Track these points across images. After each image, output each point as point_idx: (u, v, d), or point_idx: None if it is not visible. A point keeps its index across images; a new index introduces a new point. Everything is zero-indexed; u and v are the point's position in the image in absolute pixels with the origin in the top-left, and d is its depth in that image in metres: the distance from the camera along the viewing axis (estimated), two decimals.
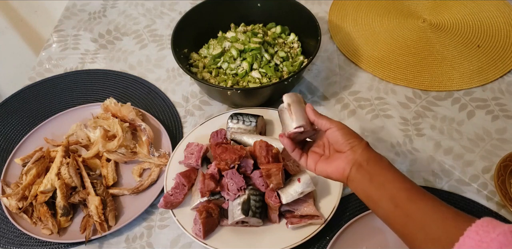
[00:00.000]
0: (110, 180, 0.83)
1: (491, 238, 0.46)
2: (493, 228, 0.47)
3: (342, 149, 0.61)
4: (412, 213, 0.54)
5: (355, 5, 1.16)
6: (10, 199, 0.79)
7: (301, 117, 0.64)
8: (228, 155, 0.73)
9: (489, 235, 0.47)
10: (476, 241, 0.47)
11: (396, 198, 0.55)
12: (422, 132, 0.89)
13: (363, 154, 0.59)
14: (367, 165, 0.58)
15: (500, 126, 0.88)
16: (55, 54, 1.12)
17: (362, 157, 0.59)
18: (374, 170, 0.58)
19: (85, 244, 0.77)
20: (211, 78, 0.94)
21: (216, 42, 0.98)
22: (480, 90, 0.95)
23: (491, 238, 0.46)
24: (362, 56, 1.04)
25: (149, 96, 1.00)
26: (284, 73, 0.93)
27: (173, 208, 0.76)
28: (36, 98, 1.02)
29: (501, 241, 0.46)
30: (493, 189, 0.79)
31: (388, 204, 0.56)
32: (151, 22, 1.18)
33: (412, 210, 0.54)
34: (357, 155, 0.59)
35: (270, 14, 1.01)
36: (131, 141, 0.87)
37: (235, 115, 0.84)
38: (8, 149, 0.92)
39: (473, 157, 0.84)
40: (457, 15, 1.11)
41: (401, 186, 0.56)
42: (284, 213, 0.75)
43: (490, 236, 0.46)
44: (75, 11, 1.24)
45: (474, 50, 1.03)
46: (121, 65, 1.08)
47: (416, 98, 0.95)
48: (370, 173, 0.58)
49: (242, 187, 0.72)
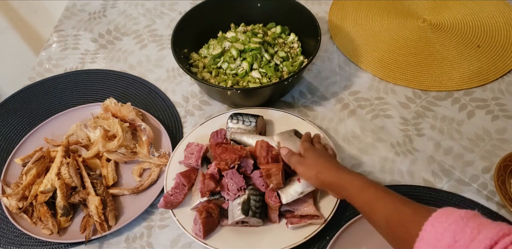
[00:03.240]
0: (110, 180, 0.83)
1: (444, 228, 0.46)
2: (447, 218, 0.47)
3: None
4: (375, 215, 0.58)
5: (355, 5, 1.16)
6: (10, 199, 0.79)
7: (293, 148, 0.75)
8: (228, 155, 0.73)
9: (442, 225, 0.46)
10: (432, 233, 0.47)
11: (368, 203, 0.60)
12: (422, 132, 0.89)
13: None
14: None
15: (500, 126, 0.88)
16: (55, 54, 1.12)
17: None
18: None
19: (85, 244, 0.77)
20: (211, 78, 0.94)
21: (216, 42, 0.98)
22: (480, 90, 0.95)
23: (444, 228, 0.46)
24: (362, 56, 1.04)
25: (149, 96, 1.00)
26: (284, 73, 0.93)
27: (173, 208, 0.76)
28: (36, 98, 1.02)
29: (454, 229, 0.45)
30: (493, 189, 0.79)
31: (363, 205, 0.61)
32: (151, 22, 1.18)
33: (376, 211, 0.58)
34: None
35: (270, 14, 1.01)
36: (131, 141, 0.87)
37: (235, 115, 0.84)
38: (8, 149, 0.92)
39: (473, 157, 0.84)
40: (457, 15, 1.11)
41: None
42: (284, 213, 0.75)
43: (443, 226, 0.46)
44: (75, 11, 1.24)
45: (474, 50, 1.03)
46: (121, 65, 1.08)
47: (416, 98, 0.95)
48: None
49: (242, 187, 0.72)
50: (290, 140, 0.77)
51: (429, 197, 0.79)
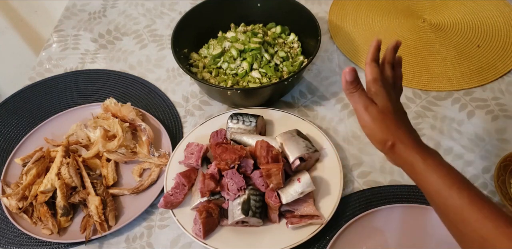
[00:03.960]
0: (110, 180, 0.83)
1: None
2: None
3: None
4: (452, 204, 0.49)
5: (355, 5, 1.16)
6: (10, 199, 0.79)
7: (295, 150, 0.75)
8: (228, 155, 0.73)
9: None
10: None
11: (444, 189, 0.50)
12: (422, 132, 0.89)
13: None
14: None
15: (500, 126, 0.88)
16: (55, 54, 1.12)
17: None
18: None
19: (85, 244, 0.77)
20: (211, 78, 0.94)
21: (216, 42, 0.98)
22: (480, 90, 0.95)
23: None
24: (362, 56, 1.04)
25: (149, 96, 1.00)
26: (284, 73, 0.93)
27: (173, 208, 0.76)
28: (36, 98, 1.02)
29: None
30: (493, 189, 0.79)
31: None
32: (151, 22, 1.18)
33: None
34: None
35: (270, 14, 1.01)
36: (131, 141, 0.87)
37: (235, 115, 0.84)
38: (8, 149, 0.92)
39: (473, 157, 0.84)
40: (457, 15, 1.11)
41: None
42: (284, 213, 0.75)
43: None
44: (75, 11, 1.24)
45: (474, 50, 1.03)
46: (121, 65, 1.08)
47: (416, 98, 0.95)
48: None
49: (242, 187, 0.72)
50: (293, 140, 0.77)
51: None
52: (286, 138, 0.78)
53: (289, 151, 0.76)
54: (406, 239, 0.73)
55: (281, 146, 0.77)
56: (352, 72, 0.54)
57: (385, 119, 0.53)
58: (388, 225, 0.74)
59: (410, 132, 0.55)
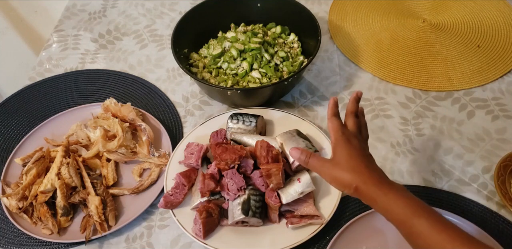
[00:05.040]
0: (110, 180, 0.83)
1: None
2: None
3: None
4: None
5: (355, 5, 1.16)
6: (10, 199, 0.79)
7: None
8: (228, 155, 0.73)
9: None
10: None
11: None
12: (422, 132, 0.89)
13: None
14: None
15: (500, 126, 0.88)
16: (55, 54, 1.12)
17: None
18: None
19: (85, 244, 0.77)
20: (211, 78, 0.94)
21: (216, 42, 0.98)
22: (480, 90, 0.95)
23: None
24: (362, 56, 1.04)
25: (149, 96, 1.00)
26: (284, 73, 0.93)
27: (173, 208, 0.76)
28: (36, 98, 1.02)
29: None
30: (493, 189, 0.79)
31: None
32: (151, 22, 1.18)
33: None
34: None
35: (270, 14, 1.01)
36: (131, 141, 0.87)
37: (235, 115, 0.84)
38: (8, 149, 0.92)
39: (473, 157, 0.84)
40: (457, 15, 1.11)
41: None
42: (284, 213, 0.75)
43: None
44: (75, 11, 1.24)
45: (474, 50, 1.03)
46: (121, 65, 1.08)
47: (416, 98, 0.95)
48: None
49: (242, 187, 0.72)
50: (292, 141, 0.77)
51: (429, 197, 0.79)
52: (286, 138, 0.78)
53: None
54: None
55: (281, 146, 0.77)
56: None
57: (343, 169, 0.58)
58: (388, 225, 0.73)
59: (372, 172, 0.58)
